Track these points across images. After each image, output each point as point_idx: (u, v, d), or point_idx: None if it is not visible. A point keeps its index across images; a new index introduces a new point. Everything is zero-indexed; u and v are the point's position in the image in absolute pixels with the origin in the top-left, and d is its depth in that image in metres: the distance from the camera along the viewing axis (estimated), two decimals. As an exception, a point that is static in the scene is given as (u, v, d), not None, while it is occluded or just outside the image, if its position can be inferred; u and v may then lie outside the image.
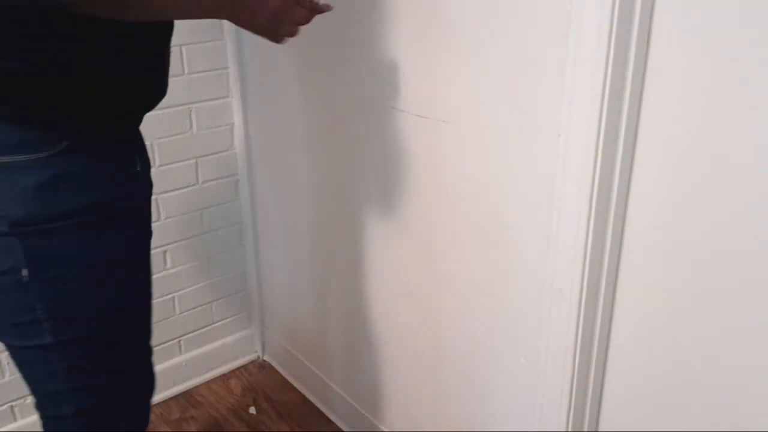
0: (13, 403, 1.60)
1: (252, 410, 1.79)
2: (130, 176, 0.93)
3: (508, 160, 1.05)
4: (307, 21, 0.94)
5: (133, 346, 1.01)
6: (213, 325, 1.89)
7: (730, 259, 0.84)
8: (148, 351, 1.04)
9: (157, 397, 1.79)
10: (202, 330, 1.87)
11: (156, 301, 1.04)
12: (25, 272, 0.84)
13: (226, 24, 1.63)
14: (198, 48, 1.61)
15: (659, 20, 0.83)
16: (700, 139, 0.83)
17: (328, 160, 1.47)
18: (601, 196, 0.92)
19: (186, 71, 1.61)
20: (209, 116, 1.69)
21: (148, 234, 1.00)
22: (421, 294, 1.32)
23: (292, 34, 0.95)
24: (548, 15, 0.92)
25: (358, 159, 1.38)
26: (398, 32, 1.17)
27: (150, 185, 1.01)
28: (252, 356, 1.99)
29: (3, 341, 0.93)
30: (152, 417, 1.74)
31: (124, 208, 0.91)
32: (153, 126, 1.57)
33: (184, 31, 1.55)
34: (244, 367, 1.96)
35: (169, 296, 1.76)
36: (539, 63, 0.95)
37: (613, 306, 1.00)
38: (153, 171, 1.05)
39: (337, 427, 1.73)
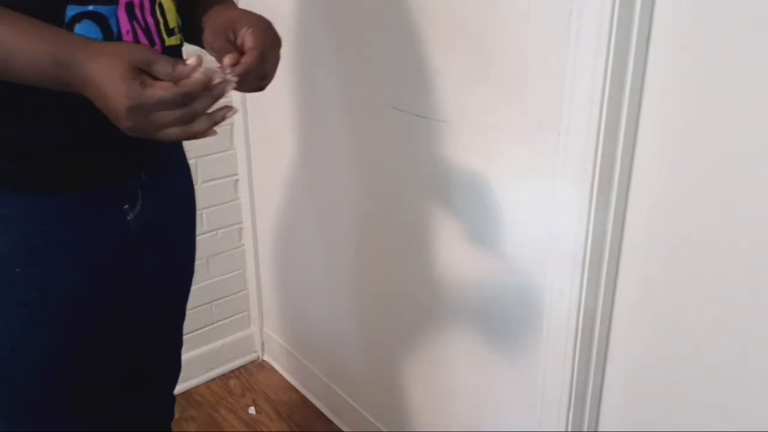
0: None
1: (251, 410, 1.79)
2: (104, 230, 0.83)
3: (508, 160, 1.05)
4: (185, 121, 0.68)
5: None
6: (213, 325, 1.89)
7: (730, 259, 0.84)
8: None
9: (157, 397, 1.80)
10: (202, 330, 1.87)
11: (156, 301, 1.02)
12: None
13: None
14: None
15: (659, 20, 0.83)
16: (699, 139, 0.83)
17: (329, 160, 1.47)
18: (601, 196, 0.92)
19: (186, 71, 1.61)
20: (209, 116, 1.68)
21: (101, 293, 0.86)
22: (419, 293, 1.32)
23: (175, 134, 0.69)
24: (548, 15, 0.92)
25: (358, 158, 1.38)
26: (398, 32, 1.17)
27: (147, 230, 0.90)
28: (252, 356, 1.99)
29: None
30: (152, 417, 1.75)
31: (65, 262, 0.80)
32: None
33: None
34: (243, 367, 1.96)
35: (169, 296, 1.76)
36: (539, 63, 0.95)
37: (612, 306, 1.00)
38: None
39: (337, 427, 1.73)
